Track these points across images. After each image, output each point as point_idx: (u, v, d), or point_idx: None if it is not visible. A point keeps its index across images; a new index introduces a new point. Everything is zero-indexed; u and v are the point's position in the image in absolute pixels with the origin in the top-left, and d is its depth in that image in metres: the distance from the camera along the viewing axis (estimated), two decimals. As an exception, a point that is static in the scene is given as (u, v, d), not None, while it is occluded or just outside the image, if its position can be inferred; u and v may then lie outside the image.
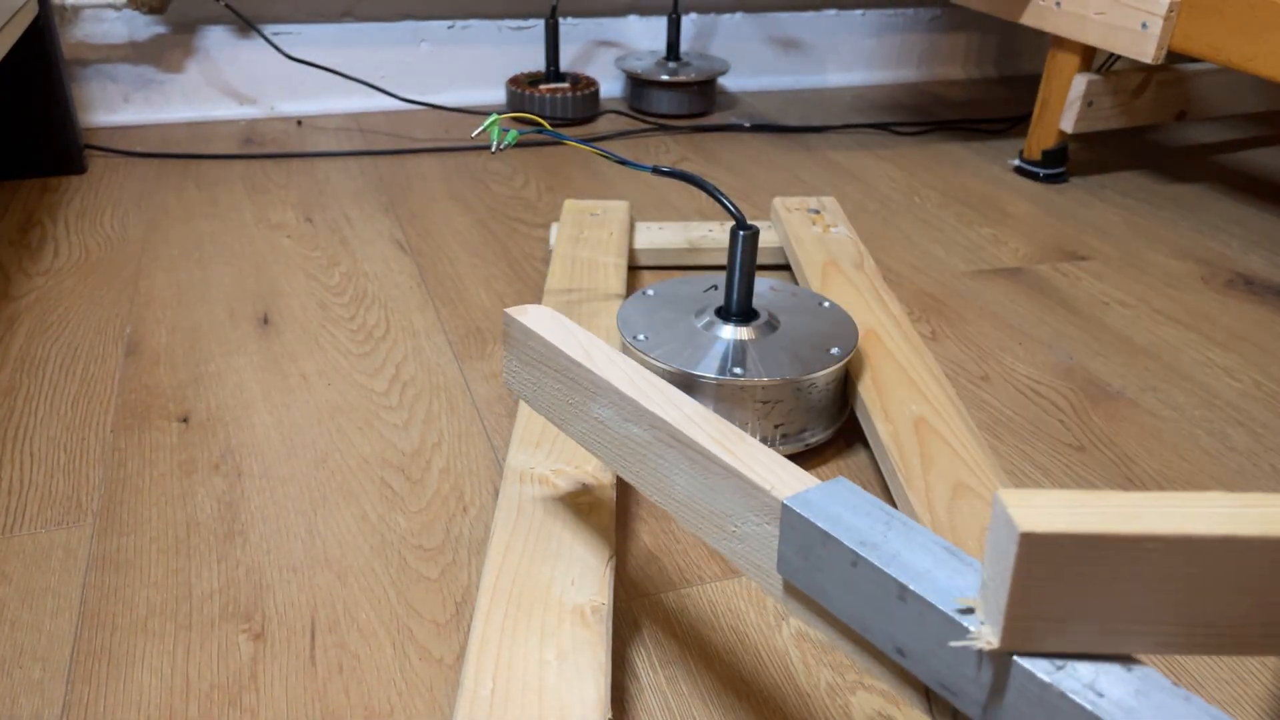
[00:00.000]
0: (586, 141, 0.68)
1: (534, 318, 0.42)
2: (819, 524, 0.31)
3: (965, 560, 0.29)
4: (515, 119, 0.68)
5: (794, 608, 0.33)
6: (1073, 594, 0.25)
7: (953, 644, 0.28)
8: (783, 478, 0.34)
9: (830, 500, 0.32)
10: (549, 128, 0.65)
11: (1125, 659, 0.26)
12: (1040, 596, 0.25)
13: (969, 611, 0.28)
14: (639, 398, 0.37)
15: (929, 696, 0.30)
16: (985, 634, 0.27)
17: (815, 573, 0.32)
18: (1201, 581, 0.25)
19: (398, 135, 1.21)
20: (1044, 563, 0.25)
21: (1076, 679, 0.26)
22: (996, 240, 0.97)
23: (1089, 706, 0.25)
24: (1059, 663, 0.26)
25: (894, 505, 0.58)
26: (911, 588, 0.28)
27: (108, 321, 0.76)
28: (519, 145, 1.18)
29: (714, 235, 0.87)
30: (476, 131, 0.65)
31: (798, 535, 0.32)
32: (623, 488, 0.59)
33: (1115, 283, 0.88)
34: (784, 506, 0.32)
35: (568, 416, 0.41)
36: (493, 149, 0.62)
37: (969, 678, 0.27)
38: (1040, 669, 0.26)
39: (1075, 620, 0.26)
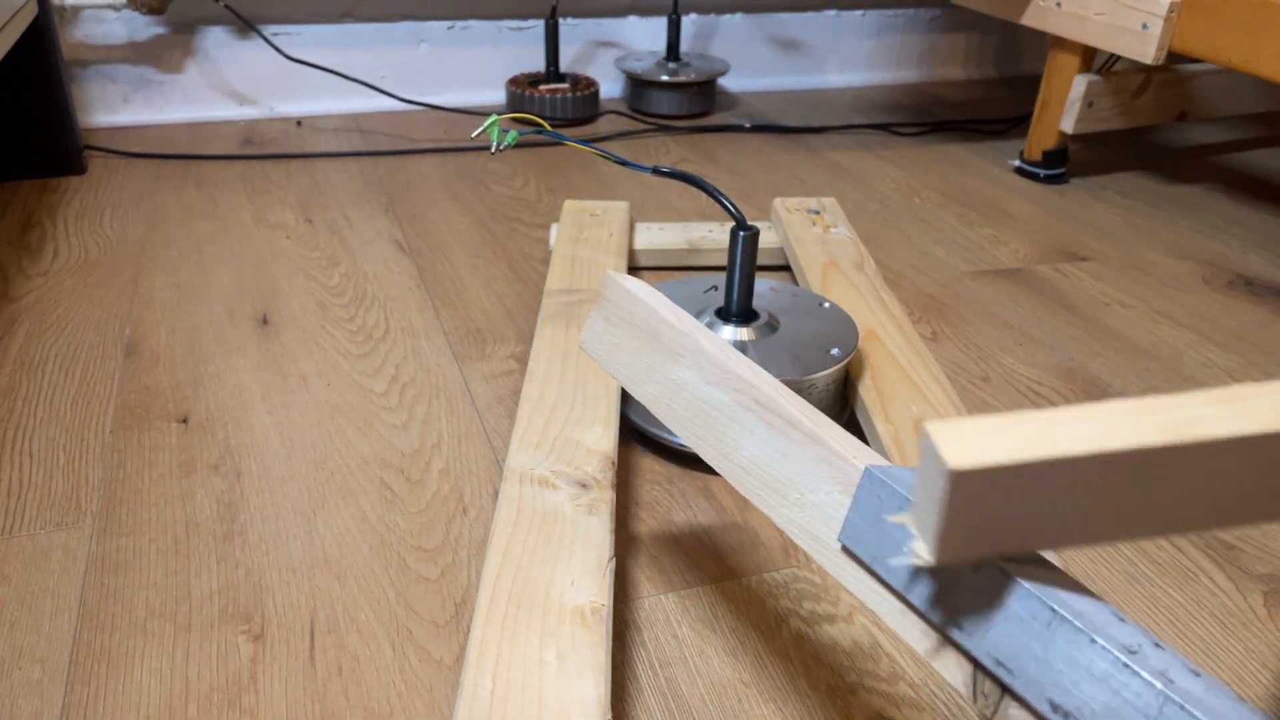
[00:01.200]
0: (586, 142, 0.68)
1: (632, 283, 0.43)
2: (900, 490, 0.32)
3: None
4: (515, 119, 0.68)
5: (843, 576, 0.34)
6: (1000, 511, 0.28)
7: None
8: (860, 452, 0.35)
9: (909, 475, 0.33)
10: (549, 128, 0.65)
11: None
12: (969, 518, 0.27)
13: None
14: (727, 360, 0.38)
15: (977, 671, 0.30)
16: (919, 549, 0.29)
17: (881, 542, 0.32)
18: (1119, 486, 0.27)
19: (397, 136, 1.21)
20: (970, 490, 0.27)
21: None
22: (997, 241, 0.96)
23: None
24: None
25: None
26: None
27: (107, 322, 0.76)
28: (519, 146, 1.18)
29: (714, 236, 0.87)
30: (476, 132, 0.65)
31: (873, 503, 0.33)
32: (622, 489, 0.59)
33: (1116, 283, 0.88)
34: (866, 472, 0.33)
35: (642, 378, 0.42)
36: (492, 149, 0.62)
37: (1035, 655, 0.28)
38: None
39: (1002, 530, 0.28)
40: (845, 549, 0.34)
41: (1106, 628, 0.27)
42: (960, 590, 0.29)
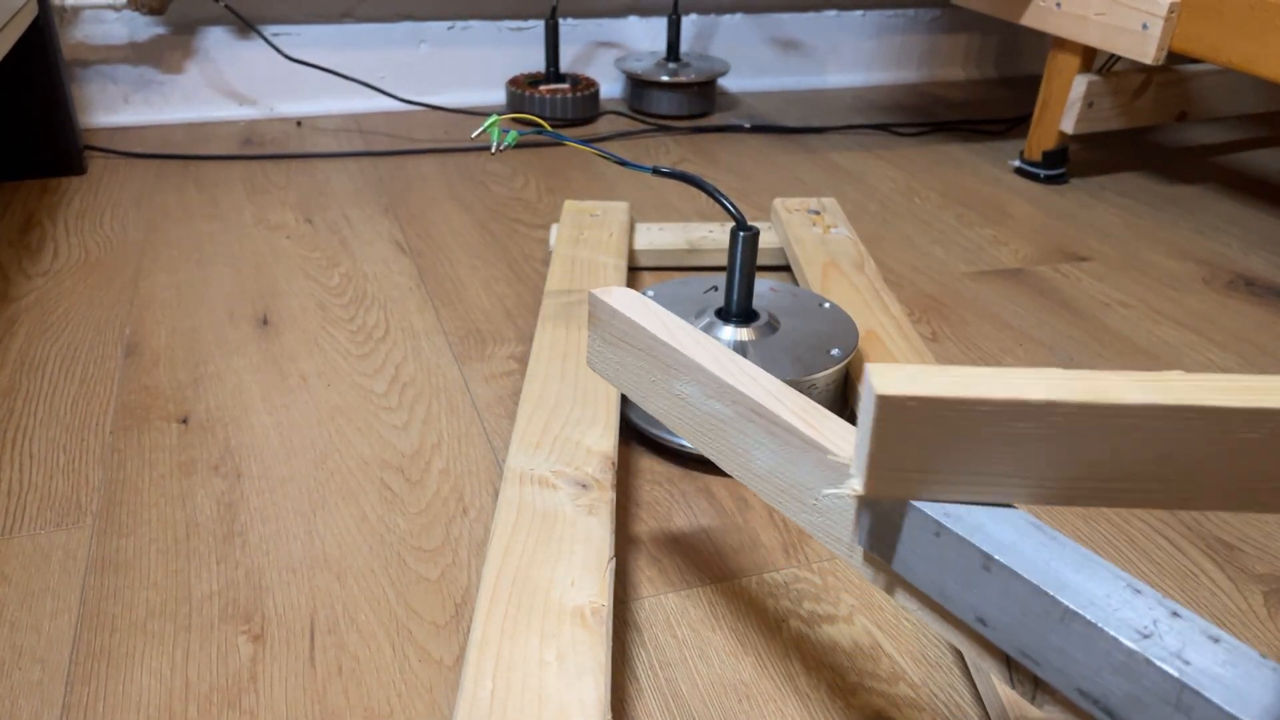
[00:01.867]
0: (586, 142, 0.68)
1: (619, 298, 0.42)
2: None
3: (1049, 533, 0.30)
4: (515, 120, 0.68)
5: (873, 575, 0.34)
6: (925, 449, 0.30)
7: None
8: None
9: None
10: (549, 128, 0.65)
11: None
12: (896, 449, 0.30)
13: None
14: (722, 374, 0.38)
15: (1009, 665, 0.31)
16: (853, 484, 0.31)
17: (897, 544, 0.32)
18: (1038, 443, 0.29)
19: (397, 136, 1.21)
20: (894, 417, 0.29)
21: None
22: (997, 241, 0.96)
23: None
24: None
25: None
26: (996, 558, 0.29)
27: (107, 322, 0.76)
28: (519, 146, 1.18)
29: (714, 236, 0.87)
30: (476, 132, 0.65)
31: (878, 507, 0.32)
32: (622, 489, 0.59)
33: (1116, 284, 0.88)
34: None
35: (650, 394, 0.42)
36: (492, 150, 0.62)
37: (1055, 647, 0.28)
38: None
39: (931, 471, 0.30)
40: (866, 555, 0.34)
41: (1119, 610, 0.27)
42: (982, 589, 0.30)
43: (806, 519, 0.36)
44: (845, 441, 0.35)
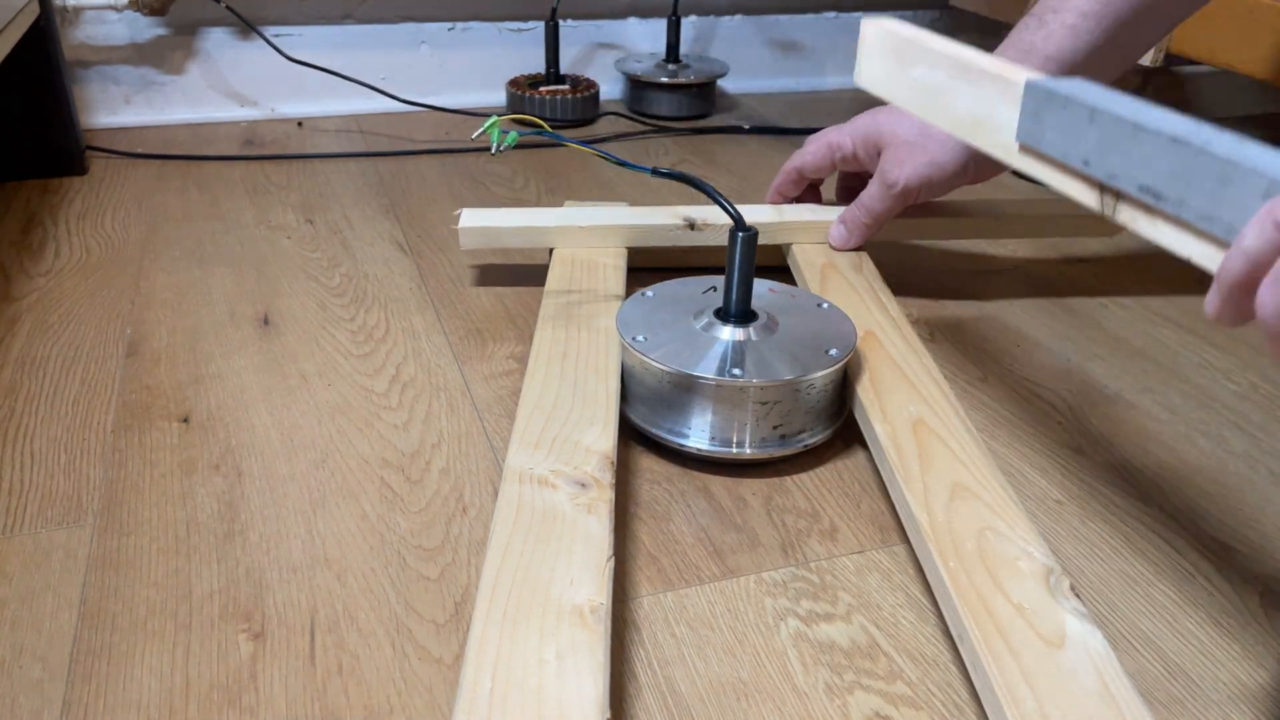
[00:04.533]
0: (586, 143, 0.68)
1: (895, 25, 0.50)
2: (1055, 90, 0.42)
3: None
4: (516, 121, 0.68)
5: (1023, 165, 0.44)
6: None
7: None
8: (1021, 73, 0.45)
9: (1065, 84, 0.43)
10: (549, 129, 0.65)
11: None
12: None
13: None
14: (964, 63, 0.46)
15: (1101, 190, 0.41)
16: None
17: (1039, 130, 0.43)
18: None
19: (398, 137, 1.21)
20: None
21: None
22: (995, 241, 0.97)
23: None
24: None
25: (891, 505, 0.58)
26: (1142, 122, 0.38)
27: (108, 322, 0.77)
28: (519, 147, 1.18)
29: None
30: (477, 133, 0.65)
31: (1031, 105, 0.43)
32: (622, 488, 0.60)
33: (1113, 284, 0.89)
34: (1026, 84, 0.43)
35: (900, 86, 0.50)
36: (492, 150, 0.62)
37: (1134, 160, 0.38)
38: None
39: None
40: (1022, 146, 0.44)
41: (1155, 122, 0.37)
42: (1082, 135, 0.41)
43: (990, 138, 0.46)
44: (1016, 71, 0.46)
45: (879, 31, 0.51)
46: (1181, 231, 0.41)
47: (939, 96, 0.48)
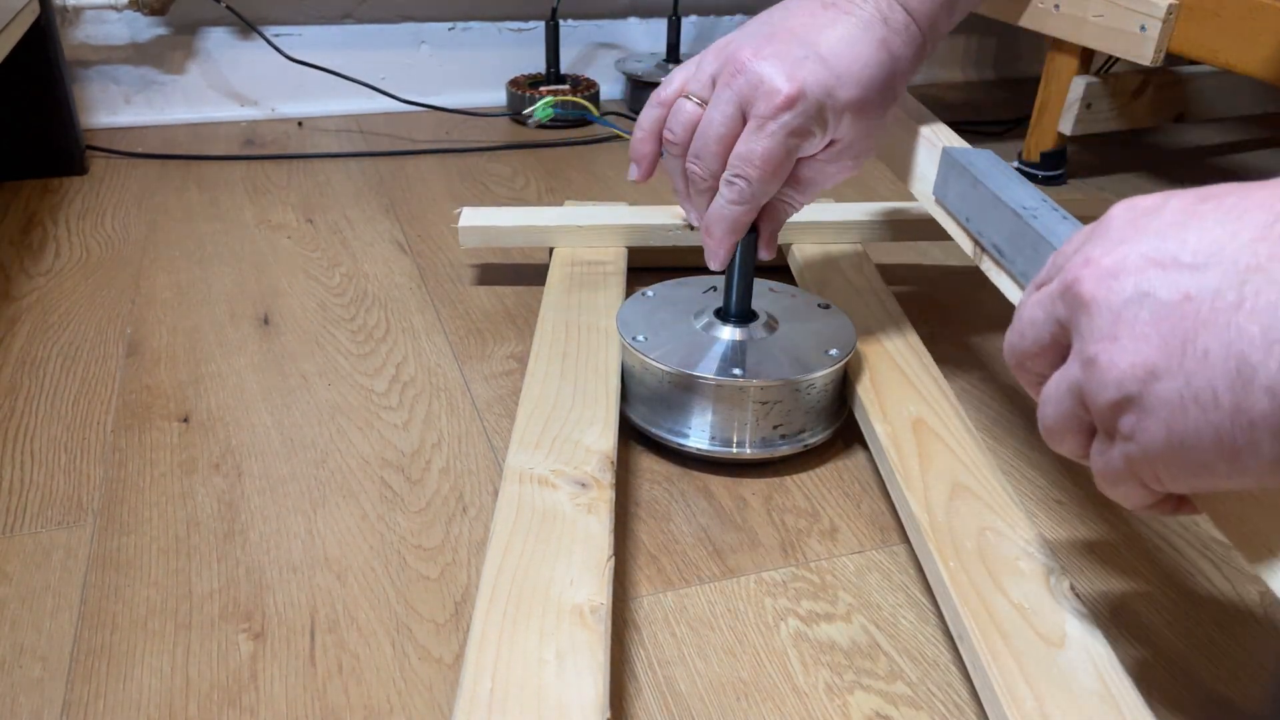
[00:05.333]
0: (611, 123, 0.74)
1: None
2: (961, 162, 0.55)
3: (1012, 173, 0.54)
4: (564, 102, 0.70)
5: (936, 214, 0.60)
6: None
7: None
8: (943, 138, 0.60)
9: (968, 154, 0.56)
10: (596, 113, 0.72)
11: None
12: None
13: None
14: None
15: (975, 243, 0.56)
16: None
17: (950, 192, 0.57)
18: None
19: (398, 137, 1.21)
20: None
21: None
22: (995, 242, 0.97)
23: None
24: None
25: (891, 505, 0.58)
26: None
27: (109, 322, 0.77)
28: (519, 147, 1.18)
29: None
30: (528, 111, 0.69)
31: (945, 169, 0.58)
32: (622, 488, 0.60)
33: (1114, 285, 0.88)
34: (944, 151, 0.57)
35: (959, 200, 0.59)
36: (532, 122, 0.67)
37: (992, 223, 0.53)
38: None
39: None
40: (936, 199, 0.59)
41: (1009, 195, 0.52)
42: (967, 198, 0.55)
43: (922, 189, 0.62)
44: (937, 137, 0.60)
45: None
46: (1015, 285, 0.54)
47: (901, 150, 0.64)
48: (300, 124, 1.25)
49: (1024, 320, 0.38)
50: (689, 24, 1.41)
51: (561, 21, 1.32)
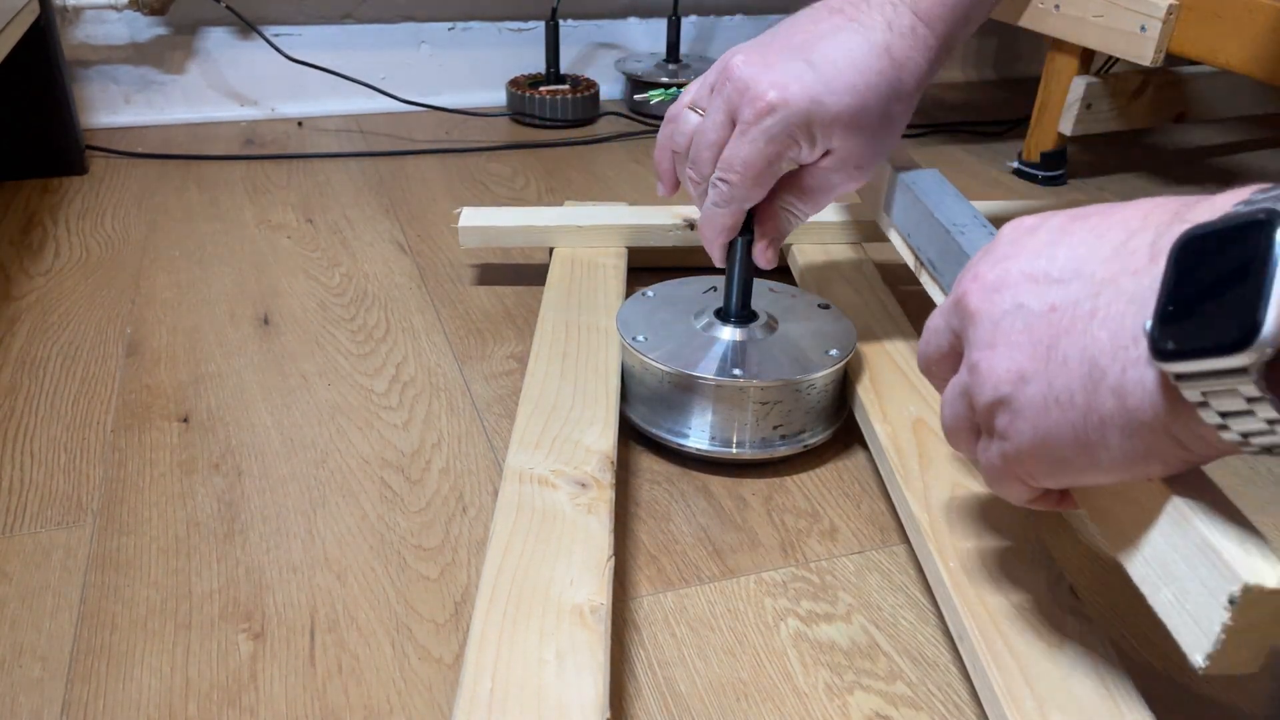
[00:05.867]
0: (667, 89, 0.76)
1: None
2: (906, 182, 0.60)
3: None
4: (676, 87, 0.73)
5: (889, 230, 0.65)
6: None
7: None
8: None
9: (914, 175, 0.61)
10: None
11: None
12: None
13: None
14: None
15: (918, 260, 0.60)
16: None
17: (896, 208, 0.63)
18: None
19: (398, 137, 1.21)
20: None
21: None
22: (995, 242, 0.97)
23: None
24: None
25: (891, 505, 0.58)
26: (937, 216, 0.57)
27: (108, 322, 0.77)
28: (519, 147, 1.18)
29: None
30: (646, 95, 0.76)
31: (894, 187, 0.62)
32: (621, 488, 0.60)
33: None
34: (895, 175, 0.61)
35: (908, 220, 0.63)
36: (651, 102, 0.76)
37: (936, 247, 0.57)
38: None
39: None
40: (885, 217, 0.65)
41: (941, 213, 0.57)
42: (908, 215, 0.61)
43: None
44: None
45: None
46: (943, 297, 0.56)
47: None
48: (300, 124, 1.25)
49: (929, 329, 0.42)
50: (689, 24, 1.41)
51: (561, 21, 1.32)
